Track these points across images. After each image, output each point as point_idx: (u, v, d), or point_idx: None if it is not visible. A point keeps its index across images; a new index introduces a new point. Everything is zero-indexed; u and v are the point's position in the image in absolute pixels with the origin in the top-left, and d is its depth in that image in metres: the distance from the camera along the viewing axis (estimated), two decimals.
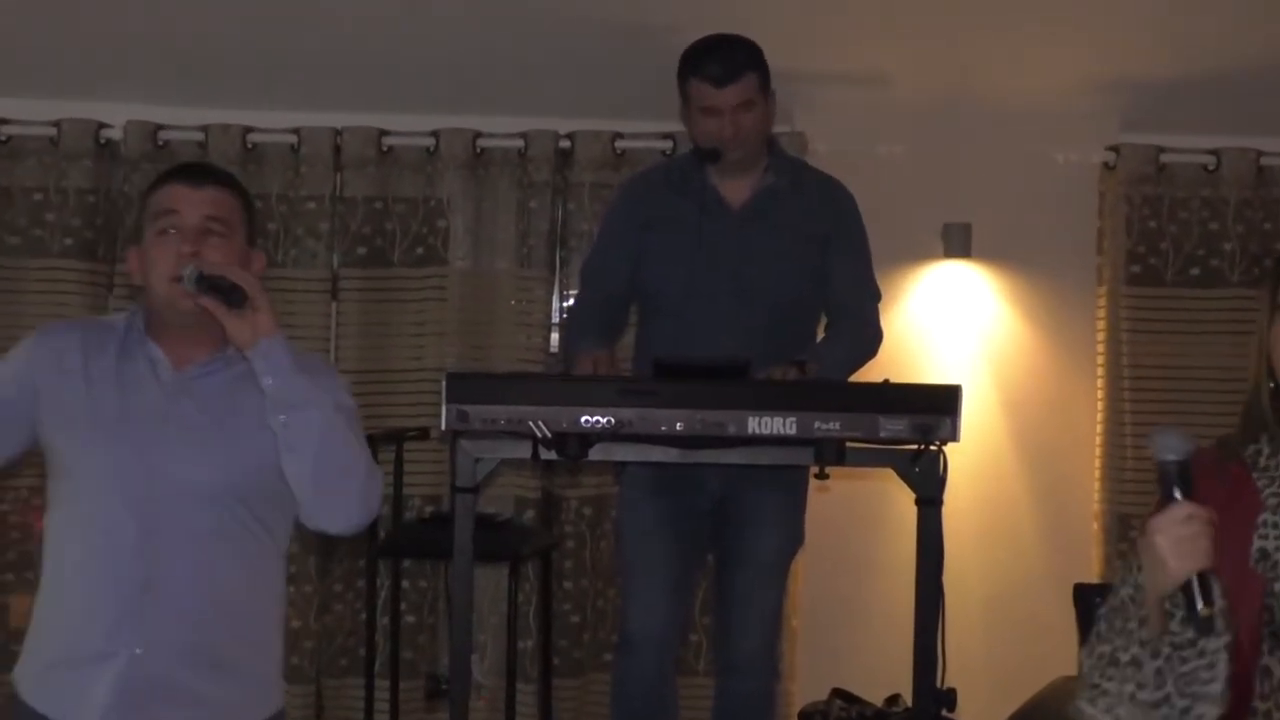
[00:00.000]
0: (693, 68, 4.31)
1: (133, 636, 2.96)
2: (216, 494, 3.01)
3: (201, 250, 3.00)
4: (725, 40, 4.34)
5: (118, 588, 2.97)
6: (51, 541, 3.08)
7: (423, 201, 5.74)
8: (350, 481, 3.03)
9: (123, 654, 2.96)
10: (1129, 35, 5.34)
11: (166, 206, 3.05)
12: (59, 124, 5.62)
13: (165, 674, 2.98)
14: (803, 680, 5.55)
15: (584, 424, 3.81)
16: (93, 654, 2.97)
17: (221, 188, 3.11)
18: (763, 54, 4.35)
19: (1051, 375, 5.78)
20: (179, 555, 2.99)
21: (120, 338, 3.09)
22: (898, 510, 4.89)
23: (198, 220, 3.03)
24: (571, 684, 5.69)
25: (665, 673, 4.35)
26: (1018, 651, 5.46)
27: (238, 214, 3.12)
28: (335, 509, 3.06)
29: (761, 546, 4.38)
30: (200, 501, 3.00)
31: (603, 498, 5.69)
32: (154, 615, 2.97)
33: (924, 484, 3.92)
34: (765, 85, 4.36)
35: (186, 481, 2.99)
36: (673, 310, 4.39)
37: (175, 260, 2.99)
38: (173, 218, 3.04)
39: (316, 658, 5.70)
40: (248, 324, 2.96)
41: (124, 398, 3.03)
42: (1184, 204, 5.80)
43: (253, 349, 2.96)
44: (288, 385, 2.97)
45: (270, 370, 2.96)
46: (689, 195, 4.40)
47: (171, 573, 2.98)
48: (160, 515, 2.97)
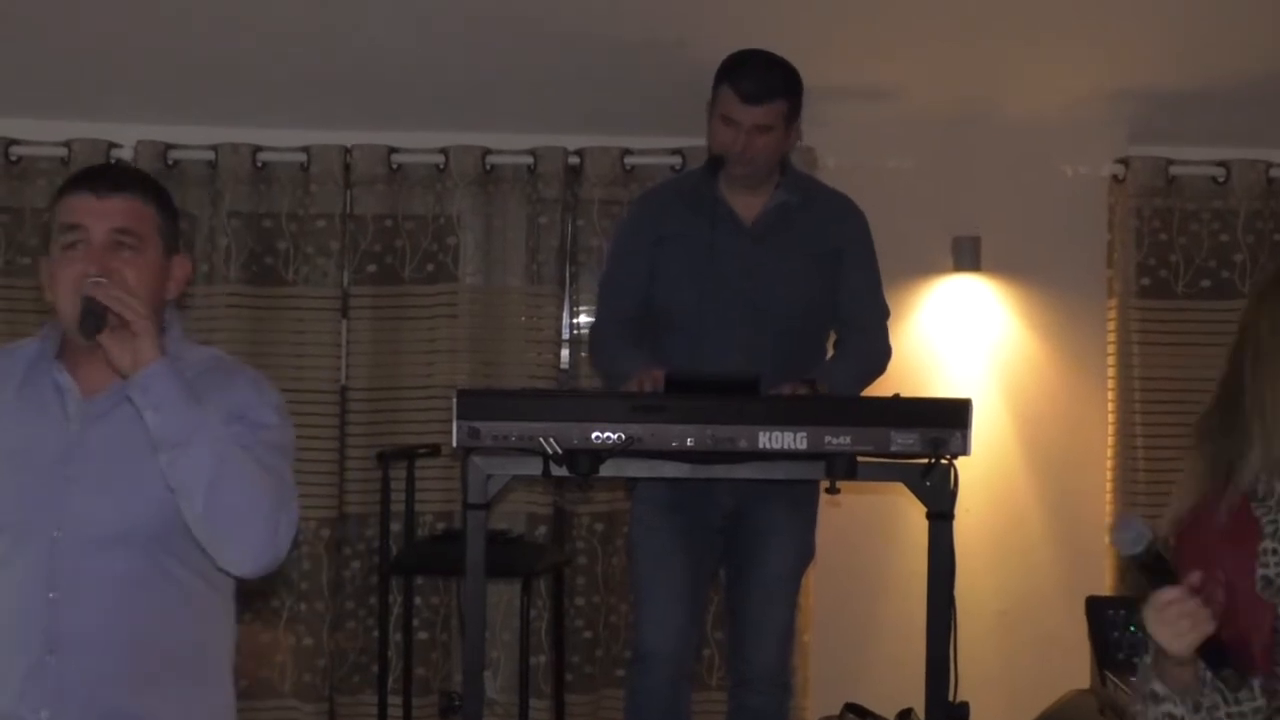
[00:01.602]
0: (728, 76, 4.30)
1: (39, 700, 2.68)
2: (126, 537, 2.72)
3: (110, 267, 2.72)
4: (768, 59, 4.31)
5: (22, 645, 2.69)
6: None
7: (433, 219, 5.76)
8: (249, 524, 2.70)
9: (42, 713, 2.68)
10: (1137, 48, 5.35)
11: (71, 220, 2.76)
12: (69, 144, 5.64)
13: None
14: (815, 695, 5.55)
15: (595, 440, 3.81)
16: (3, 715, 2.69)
17: (132, 195, 2.80)
18: (800, 86, 4.33)
19: (1062, 388, 5.78)
20: (88, 608, 2.70)
21: (28, 363, 2.82)
22: (909, 524, 4.90)
23: (104, 235, 2.74)
24: (584, 700, 5.69)
25: (678, 688, 4.35)
26: (1030, 665, 5.46)
27: (150, 222, 2.80)
28: (234, 553, 2.74)
29: (773, 561, 4.38)
30: (109, 546, 2.71)
31: (614, 513, 5.69)
32: (62, 675, 2.69)
33: (935, 498, 3.92)
34: (793, 114, 4.34)
35: (92, 524, 2.71)
36: (683, 326, 4.39)
37: (80, 280, 2.70)
38: (78, 232, 2.75)
39: (329, 675, 5.70)
40: (127, 351, 2.65)
41: (26, 430, 2.75)
42: (1194, 216, 5.81)
43: (133, 379, 2.65)
44: (171, 420, 2.64)
45: (151, 404, 2.64)
46: (701, 211, 4.40)
47: (80, 628, 2.70)
48: (66, 563, 2.69)
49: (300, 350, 5.69)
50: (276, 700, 5.70)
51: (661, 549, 4.33)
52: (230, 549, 2.74)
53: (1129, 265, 5.77)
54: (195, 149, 5.69)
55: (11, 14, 5.12)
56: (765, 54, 4.34)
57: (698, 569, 4.39)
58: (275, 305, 5.72)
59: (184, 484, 2.66)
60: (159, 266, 2.82)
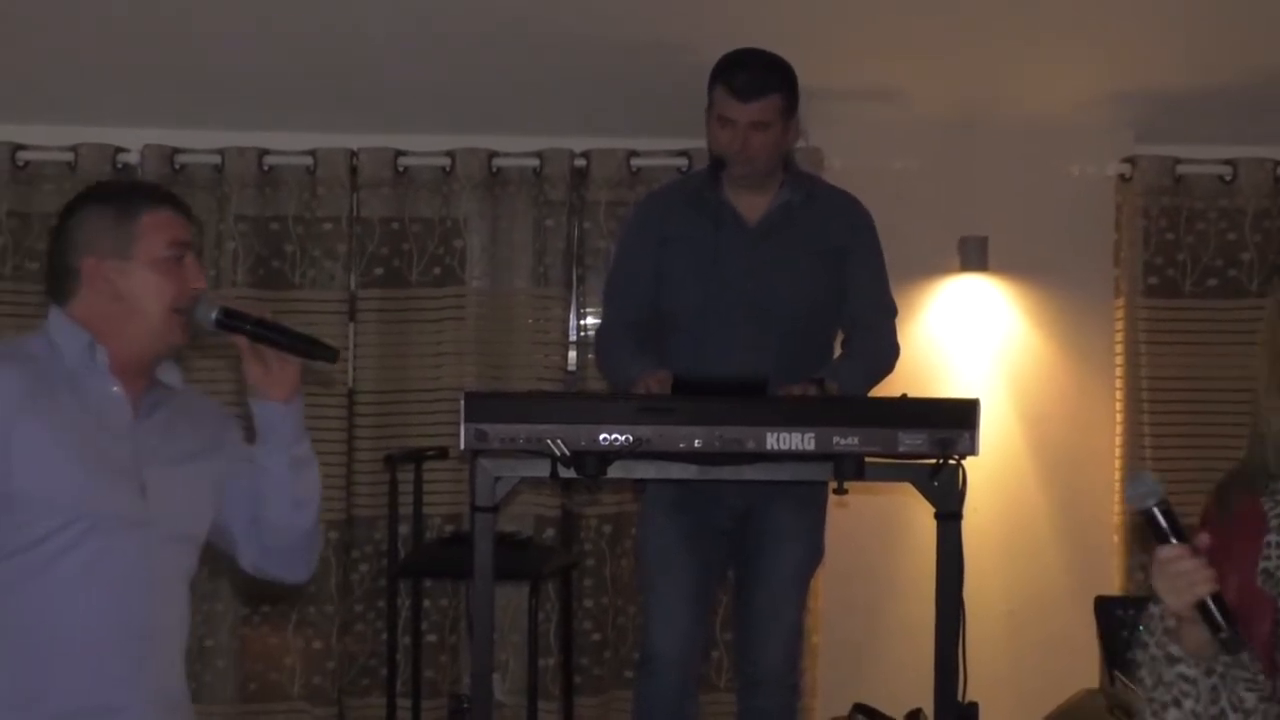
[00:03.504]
0: (721, 75, 4.30)
1: (139, 688, 2.84)
2: (191, 537, 2.96)
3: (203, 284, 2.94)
4: (760, 57, 4.32)
5: (124, 637, 2.82)
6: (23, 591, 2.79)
7: (439, 222, 5.77)
8: (317, 534, 3.09)
9: (133, 706, 2.82)
10: (1143, 47, 5.35)
11: (181, 237, 2.91)
12: (76, 149, 5.65)
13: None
14: (824, 695, 5.55)
15: (602, 442, 3.81)
16: (98, 707, 2.80)
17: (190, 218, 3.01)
18: (795, 80, 4.32)
19: (1070, 387, 5.78)
20: (169, 601, 2.92)
21: (66, 370, 2.85)
22: (917, 525, 4.90)
23: (195, 254, 2.96)
24: (593, 702, 5.69)
25: (687, 689, 4.35)
26: (1039, 664, 5.46)
27: None
28: (309, 560, 3.11)
29: (782, 562, 4.38)
30: (181, 545, 2.93)
31: (622, 515, 5.70)
32: (151, 664, 2.86)
33: (943, 498, 3.92)
34: (789, 109, 4.34)
35: (174, 525, 2.90)
36: (689, 327, 4.39)
37: (182, 291, 2.87)
38: (185, 249, 2.91)
39: (338, 678, 5.71)
40: (275, 377, 2.92)
41: (93, 431, 2.83)
42: (1201, 215, 5.81)
43: (282, 404, 2.93)
44: (303, 441, 2.99)
45: (292, 425, 2.95)
46: (705, 212, 4.40)
47: (164, 620, 2.90)
48: (157, 561, 2.86)
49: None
50: (286, 703, 5.71)
51: (670, 550, 4.33)
52: (310, 556, 3.10)
53: (1136, 264, 5.77)
54: (202, 153, 5.70)
55: (18, 19, 5.13)
56: (758, 51, 4.34)
57: (706, 570, 4.39)
58: (282, 309, 5.70)
59: (307, 497, 3.00)
60: None
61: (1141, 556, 5.69)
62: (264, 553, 3.05)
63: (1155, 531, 2.38)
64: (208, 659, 5.64)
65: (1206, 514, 2.70)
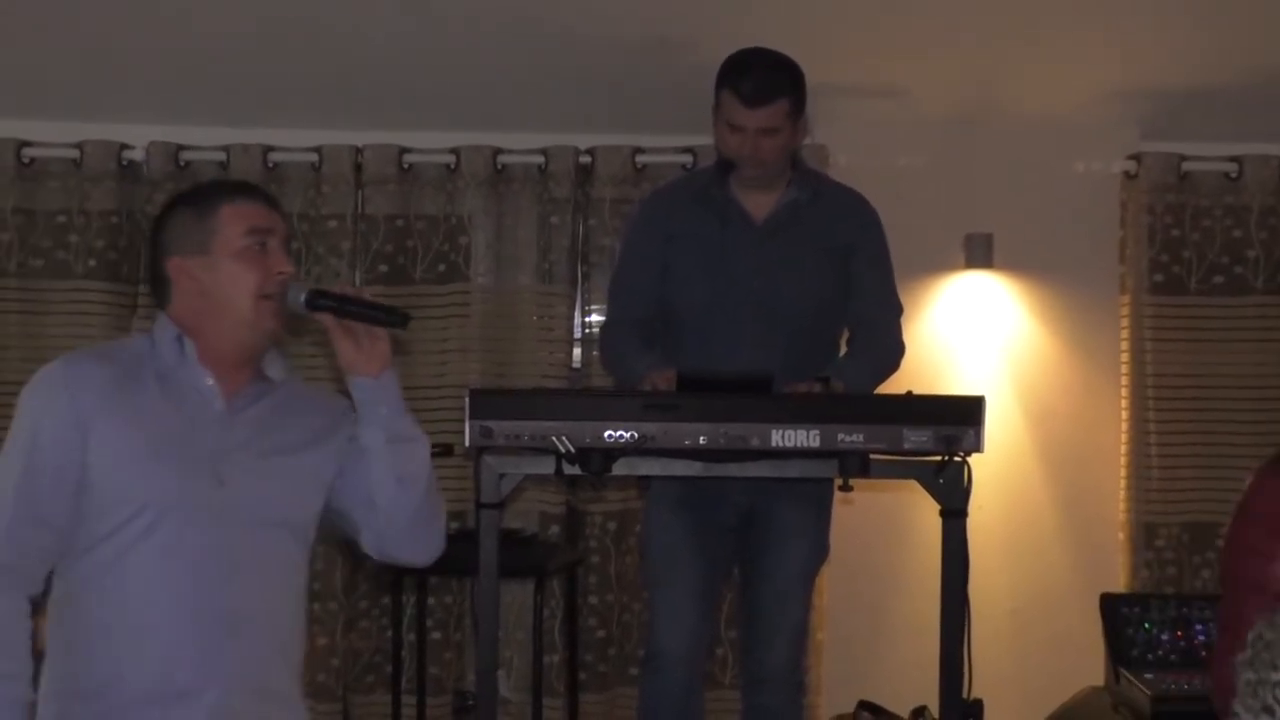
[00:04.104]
0: (728, 80, 4.28)
1: (218, 672, 2.88)
2: (281, 524, 2.98)
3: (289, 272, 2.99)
4: (766, 59, 4.28)
5: (203, 622, 2.87)
6: (105, 578, 2.87)
7: (444, 219, 5.76)
8: (441, 515, 3.15)
9: (210, 691, 2.87)
10: (1148, 44, 5.34)
11: (264, 225, 2.98)
12: (81, 146, 5.65)
13: (246, 709, 2.91)
14: (829, 693, 5.55)
15: (607, 439, 3.80)
16: (178, 691, 2.86)
17: (279, 211, 3.09)
18: (803, 80, 4.29)
19: (1075, 385, 5.77)
20: (253, 587, 2.93)
21: (159, 365, 2.96)
22: (922, 522, 4.89)
23: (281, 239, 3.02)
24: (598, 699, 5.69)
25: (692, 686, 4.35)
26: (1044, 662, 5.46)
27: None
28: (429, 540, 3.13)
29: (787, 560, 4.38)
30: (269, 532, 2.95)
31: (627, 512, 5.69)
32: (234, 649, 2.90)
33: (948, 495, 3.91)
34: (797, 111, 4.31)
35: (262, 513, 2.94)
36: (695, 324, 4.38)
37: (267, 277, 2.94)
38: (267, 235, 2.97)
39: (343, 675, 5.71)
40: (365, 352, 2.98)
41: (183, 424, 2.92)
42: (1206, 212, 5.80)
43: (372, 379, 2.99)
44: (404, 416, 3.03)
45: (389, 400, 3.01)
46: (711, 209, 4.39)
47: (248, 605, 2.92)
48: (238, 548, 2.90)
49: (312, 350, 5.68)
50: None
51: (675, 547, 4.33)
52: (429, 535, 3.13)
53: (1142, 261, 5.76)
54: (207, 150, 5.70)
55: (23, 16, 5.13)
56: (764, 53, 4.31)
57: (711, 567, 4.38)
58: None
59: (411, 475, 3.03)
60: None
61: (1146, 553, 5.70)
62: (381, 535, 3.08)
63: None
64: None
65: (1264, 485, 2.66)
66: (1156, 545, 5.67)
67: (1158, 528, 5.69)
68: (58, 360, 2.99)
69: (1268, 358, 5.71)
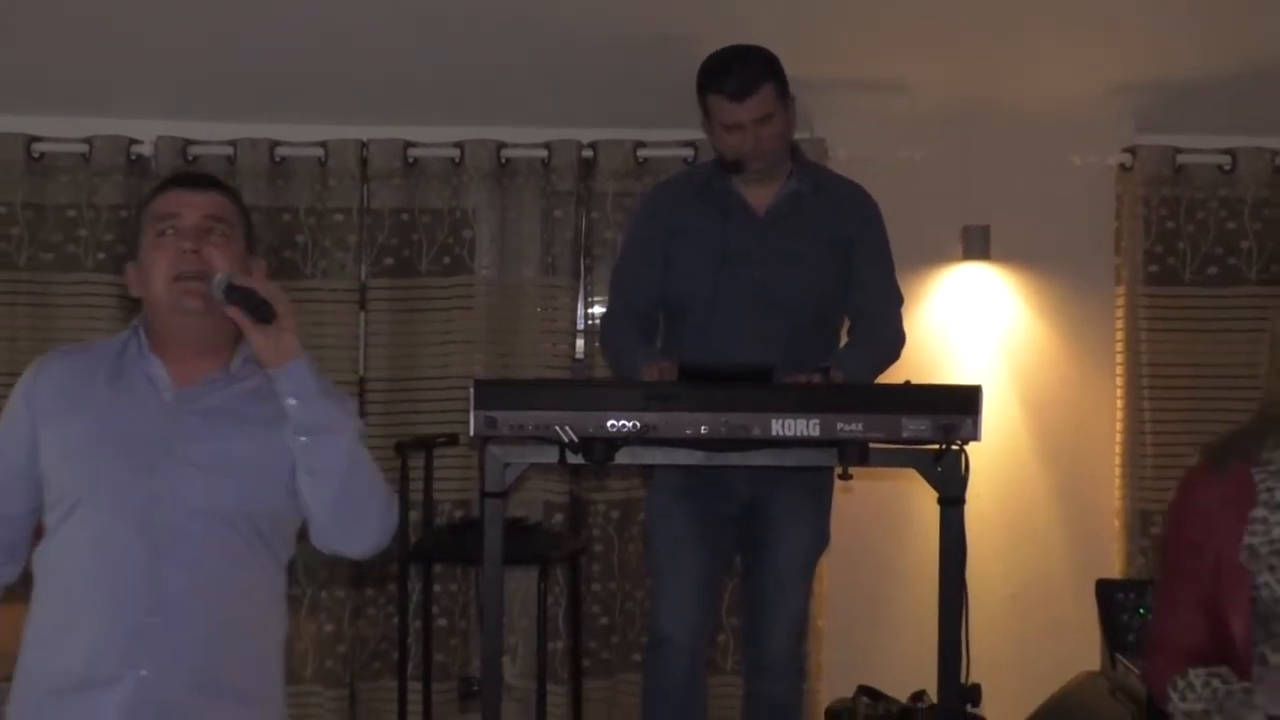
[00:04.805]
0: (710, 84, 4.30)
1: (140, 660, 2.84)
2: (223, 514, 2.91)
3: (202, 249, 2.91)
4: (739, 53, 4.31)
5: (126, 611, 2.85)
6: (51, 567, 2.94)
7: (448, 212, 5.76)
8: (373, 506, 2.98)
9: (130, 678, 2.84)
10: (1143, 38, 5.34)
11: (166, 211, 2.96)
12: (90, 141, 5.66)
13: (172, 698, 2.86)
14: (829, 678, 5.55)
15: (610, 428, 3.80)
16: (100, 678, 2.84)
17: (221, 193, 3.03)
18: (778, 62, 4.32)
19: (1071, 374, 5.78)
20: (186, 577, 2.88)
21: (116, 356, 2.98)
22: (921, 510, 4.90)
23: (198, 220, 2.94)
24: (601, 685, 5.70)
25: (695, 672, 4.35)
26: (1041, 647, 5.46)
27: (237, 218, 3.02)
28: (357, 533, 3.00)
29: (788, 548, 4.39)
30: (207, 522, 2.89)
31: (630, 501, 5.70)
32: (161, 638, 2.85)
33: (946, 483, 3.91)
34: (783, 94, 4.34)
35: (193, 502, 2.89)
36: (698, 316, 4.39)
37: (176, 259, 2.91)
38: (172, 220, 2.95)
39: (350, 661, 5.72)
40: (273, 342, 2.86)
41: (122, 416, 2.92)
42: (1201, 204, 5.80)
43: (278, 369, 2.88)
44: (314, 408, 2.89)
45: (295, 392, 2.88)
46: (713, 202, 4.40)
47: (179, 595, 2.87)
48: (167, 537, 2.87)
49: (319, 342, 5.68)
50: (298, 686, 5.71)
51: (678, 535, 4.34)
52: (356, 530, 3.00)
53: (1137, 253, 5.77)
54: (214, 144, 5.70)
55: (33, 14, 5.13)
56: (734, 49, 4.33)
57: (713, 555, 4.39)
58: (294, 298, 5.50)
59: (322, 469, 2.91)
60: (243, 259, 3.00)
61: (1141, 540, 5.70)
62: (311, 526, 3.00)
63: None
64: None
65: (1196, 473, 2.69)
66: (1151, 532, 5.67)
67: (1153, 515, 5.69)
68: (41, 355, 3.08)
69: (1261, 348, 5.66)
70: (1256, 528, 2.55)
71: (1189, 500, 2.68)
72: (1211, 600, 2.52)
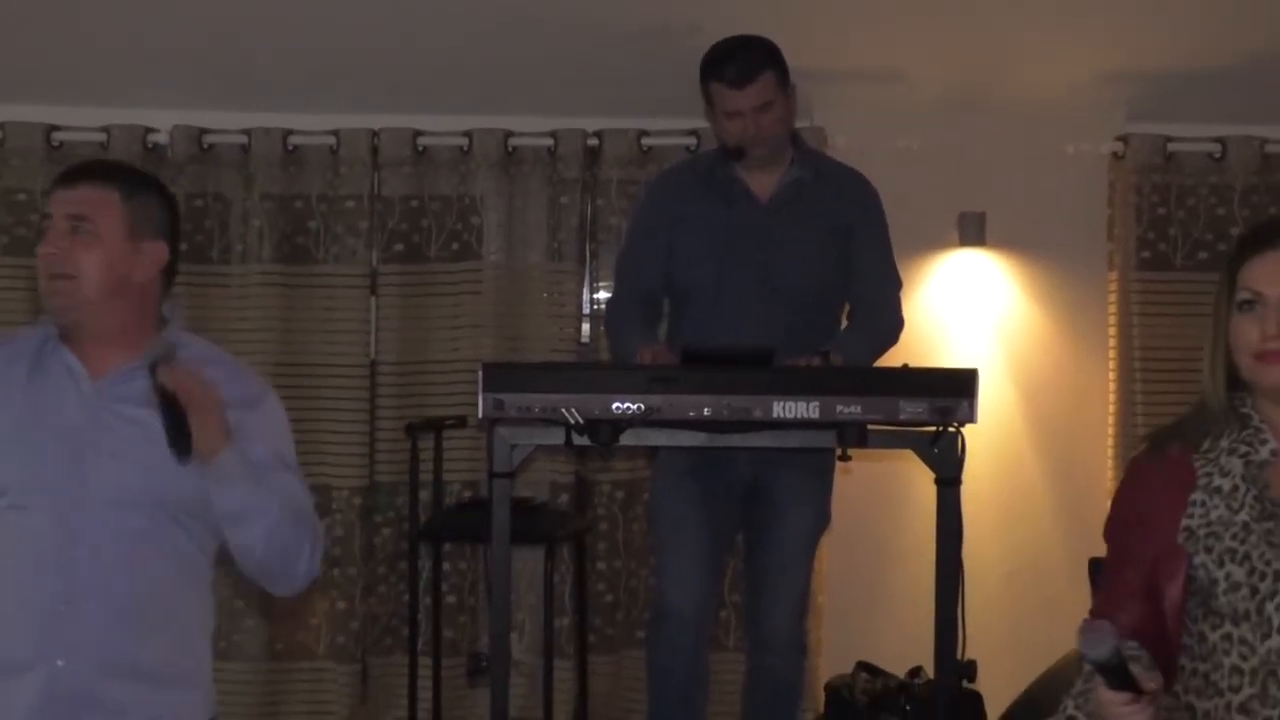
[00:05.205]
0: (712, 72, 4.32)
1: (55, 648, 2.81)
2: (139, 502, 2.87)
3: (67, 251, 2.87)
4: (741, 43, 4.33)
5: (39, 599, 2.82)
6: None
7: (457, 199, 5.76)
8: (296, 560, 2.96)
9: (43, 666, 2.81)
10: (1135, 29, 5.34)
11: (47, 210, 2.94)
12: (108, 129, 5.66)
13: (88, 685, 2.83)
14: (828, 654, 5.56)
15: (615, 410, 3.82)
16: (12, 666, 2.82)
17: (94, 184, 2.94)
18: (779, 52, 4.34)
19: (1065, 358, 5.78)
20: (101, 565, 2.84)
21: (35, 349, 2.94)
22: (918, 490, 4.90)
23: (62, 221, 2.89)
24: (606, 660, 5.71)
25: (698, 646, 4.37)
26: (1035, 625, 5.46)
27: (111, 209, 2.92)
28: (280, 583, 3.01)
29: (790, 527, 4.40)
30: (122, 510, 2.86)
31: (634, 482, 5.71)
32: (75, 626, 2.82)
33: (943, 464, 3.93)
34: (784, 82, 4.36)
35: (108, 491, 2.85)
36: (702, 301, 4.40)
37: (43, 260, 2.89)
38: (49, 220, 2.92)
39: (362, 637, 5.73)
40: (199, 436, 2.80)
41: (39, 407, 2.89)
42: (1191, 191, 5.80)
43: (204, 463, 2.82)
44: (236, 497, 2.86)
45: (220, 482, 2.84)
46: (716, 189, 4.41)
47: (93, 583, 2.83)
48: (81, 525, 2.84)
49: (331, 326, 5.71)
50: (311, 662, 5.74)
51: (682, 513, 4.35)
52: (278, 581, 3.02)
53: (1129, 239, 5.77)
54: (229, 133, 5.70)
55: (52, 5, 5.13)
56: (735, 38, 4.36)
57: (716, 533, 4.41)
58: (307, 283, 5.73)
59: (244, 544, 2.92)
60: (120, 250, 2.92)
61: None
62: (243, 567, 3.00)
63: (1109, 679, 2.39)
64: (237, 619, 5.67)
65: (1139, 459, 2.72)
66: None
67: None
68: None
69: None
70: (1195, 510, 2.58)
71: (1132, 485, 2.72)
72: (1151, 582, 2.56)
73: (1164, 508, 2.61)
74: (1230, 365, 2.64)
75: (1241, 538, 2.54)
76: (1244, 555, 2.53)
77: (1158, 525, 2.60)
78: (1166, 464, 2.64)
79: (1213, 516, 2.57)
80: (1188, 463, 2.62)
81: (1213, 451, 2.62)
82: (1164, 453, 2.67)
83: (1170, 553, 2.58)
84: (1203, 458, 2.62)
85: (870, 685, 5.21)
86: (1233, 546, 2.54)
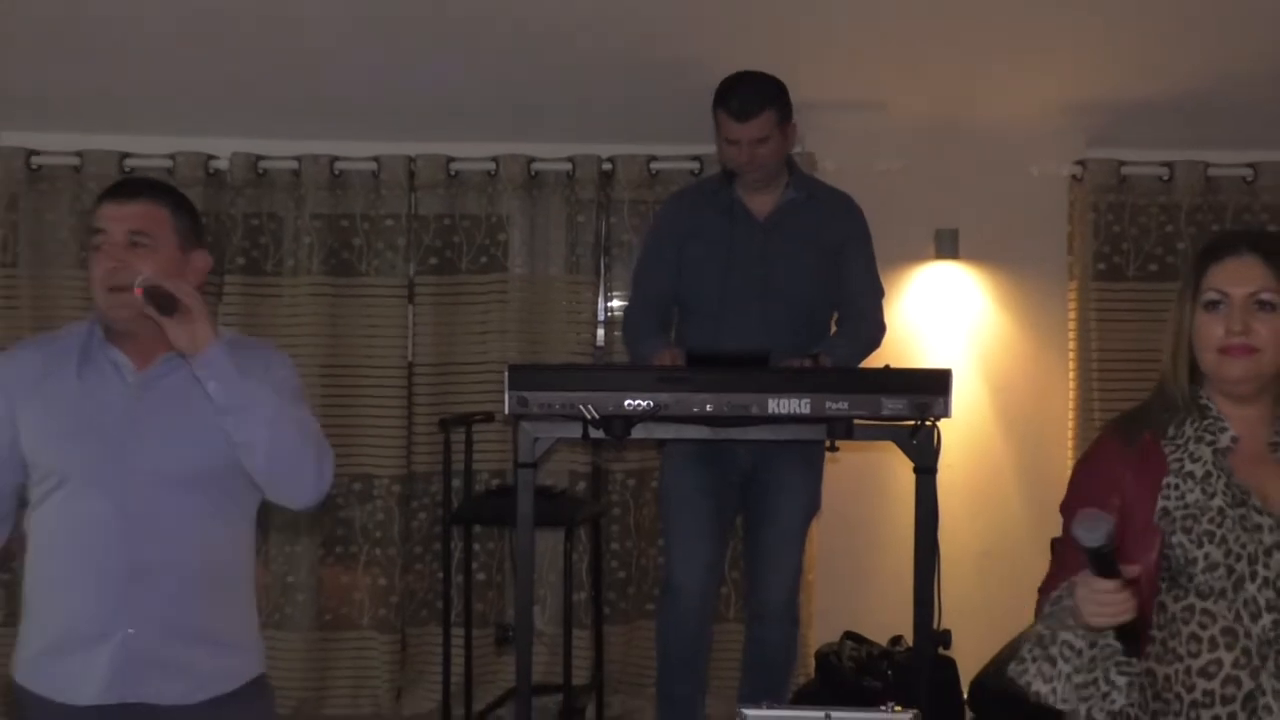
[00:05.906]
0: (720, 101, 4.33)
1: (124, 618, 2.83)
2: (188, 478, 2.87)
3: (127, 263, 2.84)
4: (750, 79, 4.33)
5: (106, 575, 2.83)
6: (38, 538, 2.91)
7: (485, 218, 5.78)
8: (301, 466, 2.89)
9: (116, 635, 2.83)
10: (1093, 65, 5.34)
11: (97, 225, 2.89)
12: (174, 156, 5.68)
13: (156, 649, 2.84)
14: (818, 625, 5.57)
15: (627, 407, 3.82)
16: (89, 637, 2.84)
17: (147, 201, 2.91)
18: (785, 92, 4.34)
19: (1030, 359, 5.78)
20: (159, 539, 2.85)
21: (81, 346, 2.92)
22: (899, 478, 4.90)
23: (121, 236, 2.86)
24: (620, 630, 5.72)
25: (703, 618, 4.38)
26: (1004, 597, 5.43)
27: (165, 224, 2.91)
28: (291, 491, 2.92)
29: (785, 511, 4.41)
30: (174, 487, 2.85)
31: (645, 470, 5.71)
32: (141, 597, 2.83)
33: (921, 455, 3.93)
34: (784, 119, 4.36)
35: (160, 469, 2.84)
36: (706, 309, 4.41)
37: (106, 274, 2.85)
38: (101, 236, 2.87)
39: (401, 610, 5.75)
40: (186, 333, 2.79)
41: (92, 400, 2.87)
42: (1143, 210, 5.81)
43: (195, 358, 2.80)
44: (231, 390, 2.81)
45: (213, 376, 2.81)
46: (720, 209, 4.43)
47: (154, 556, 2.84)
48: (138, 503, 2.83)
49: (372, 332, 5.72)
50: (355, 632, 5.75)
51: (689, 497, 4.36)
52: (289, 489, 2.92)
53: (1087, 252, 5.77)
54: (282, 160, 5.72)
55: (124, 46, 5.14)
56: (748, 75, 4.35)
57: (720, 516, 4.42)
58: (351, 293, 5.75)
59: (247, 441, 2.84)
60: (175, 260, 2.91)
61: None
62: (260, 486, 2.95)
63: (1099, 566, 2.39)
64: (289, 593, 5.69)
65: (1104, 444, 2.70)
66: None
67: None
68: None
69: None
70: (1170, 493, 2.56)
71: (1096, 466, 2.69)
72: None
73: (1133, 489, 2.60)
74: (1190, 359, 2.64)
75: (1218, 521, 2.53)
76: (1220, 538, 2.52)
77: (1130, 505, 2.59)
78: (1134, 448, 2.63)
79: (1189, 500, 2.56)
80: (1157, 448, 2.61)
81: (1179, 438, 2.61)
82: (1130, 437, 2.65)
83: (1145, 530, 2.57)
84: (1171, 444, 2.61)
85: (856, 652, 5.22)
86: (1210, 529, 2.53)
